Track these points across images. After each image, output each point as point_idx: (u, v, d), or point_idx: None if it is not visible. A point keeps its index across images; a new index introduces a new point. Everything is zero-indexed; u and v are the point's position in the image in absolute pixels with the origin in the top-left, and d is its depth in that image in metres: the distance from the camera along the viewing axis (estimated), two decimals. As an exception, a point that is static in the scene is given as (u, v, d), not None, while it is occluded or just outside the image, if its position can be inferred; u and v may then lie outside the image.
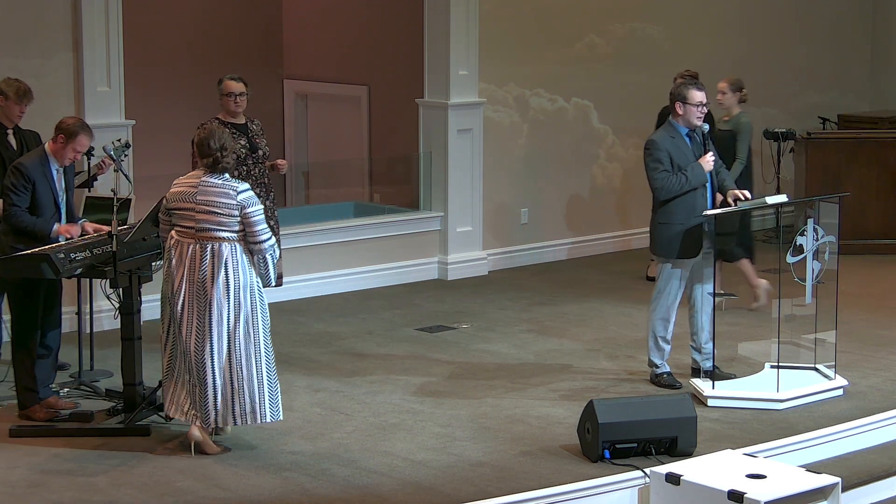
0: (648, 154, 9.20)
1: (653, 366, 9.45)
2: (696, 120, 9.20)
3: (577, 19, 13.49)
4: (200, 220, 8.00)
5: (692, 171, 9.16)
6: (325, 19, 14.64)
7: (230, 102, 9.81)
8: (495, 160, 12.92)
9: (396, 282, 12.46)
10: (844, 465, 8.22)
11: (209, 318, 7.99)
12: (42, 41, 10.58)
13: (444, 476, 7.84)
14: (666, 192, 9.15)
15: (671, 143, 9.19)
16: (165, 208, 8.18)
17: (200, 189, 8.02)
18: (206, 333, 8.01)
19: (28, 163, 8.62)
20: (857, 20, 15.70)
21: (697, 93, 9.19)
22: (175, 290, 8.04)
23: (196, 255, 8.00)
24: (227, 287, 8.00)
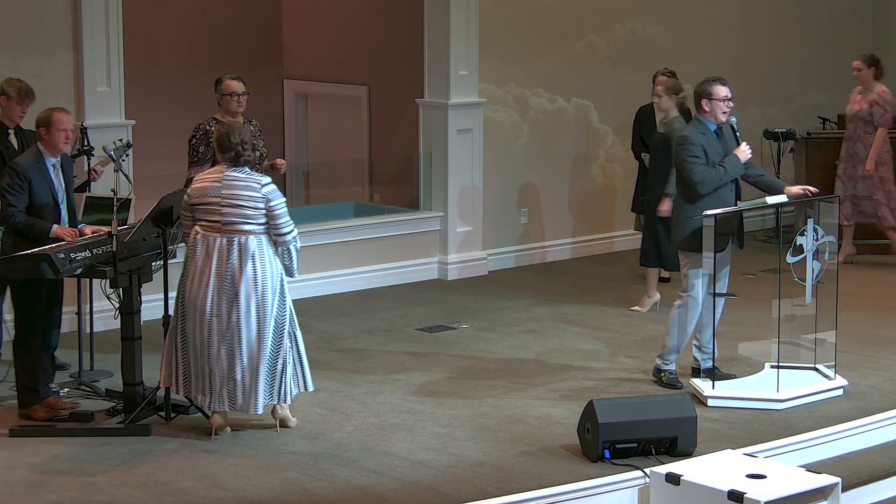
0: (684, 149, 9.16)
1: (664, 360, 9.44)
2: (721, 115, 9.24)
3: (577, 19, 13.49)
4: (226, 214, 8.18)
5: (729, 162, 9.20)
6: (325, 19, 14.64)
7: (232, 102, 9.78)
8: (495, 160, 12.93)
9: (396, 282, 12.46)
10: (844, 465, 8.22)
11: (238, 310, 8.18)
12: (42, 41, 10.58)
13: (444, 476, 7.84)
14: (707, 186, 9.15)
15: (703, 139, 9.21)
16: (188, 204, 8.33)
17: (225, 183, 8.21)
18: (235, 325, 8.20)
19: (23, 162, 8.62)
20: (856, 20, 15.69)
21: (722, 88, 9.23)
22: (203, 284, 8.21)
23: (223, 248, 8.20)
24: (255, 279, 8.19)
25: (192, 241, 8.31)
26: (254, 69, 14.87)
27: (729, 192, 9.30)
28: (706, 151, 9.16)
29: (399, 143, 13.45)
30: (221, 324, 8.23)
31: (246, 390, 8.27)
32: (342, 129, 14.41)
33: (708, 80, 9.31)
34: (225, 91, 9.79)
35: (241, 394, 8.28)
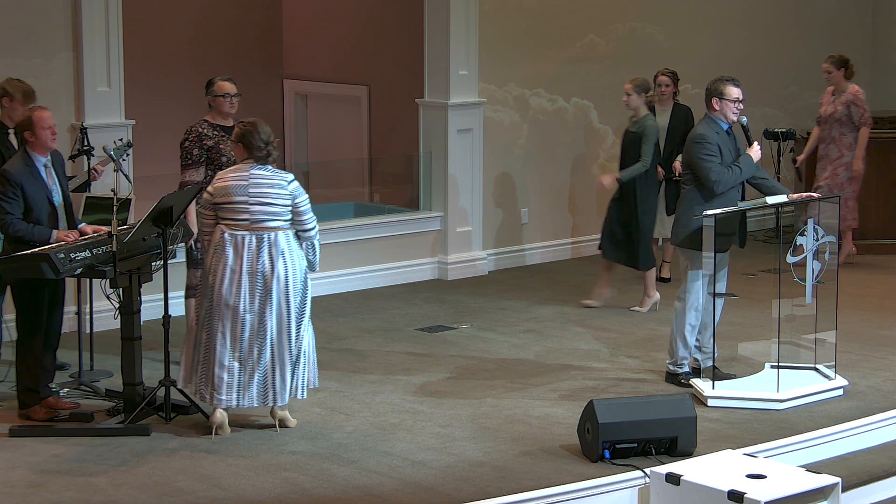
0: (701, 147, 9.15)
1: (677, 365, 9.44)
2: (732, 115, 9.26)
3: (577, 19, 13.49)
4: (256, 212, 8.30)
5: (744, 162, 9.23)
6: (325, 19, 14.64)
7: (225, 103, 9.75)
8: (495, 160, 12.93)
9: (396, 282, 12.46)
10: (844, 465, 8.23)
11: (271, 306, 8.31)
12: (42, 41, 10.58)
13: (444, 476, 7.84)
14: (723, 186, 9.17)
15: (718, 138, 9.22)
16: (210, 203, 8.39)
17: (252, 182, 8.32)
18: (268, 321, 8.32)
19: (11, 168, 8.56)
20: (856, 20, 15.70)
21: (734, 89, 9.26)
22: (235, 283, 8.29)
23: (253, 246, 8.30)
24: (286, 276, 8.33)
25: (217, 239, 8.36)
26: (254, 69, 14.90)
27: (736, 192, 9.32)
28: (721, 150, 9.16)
29: (399, 143, 13.45)
30: (254, 321, 8.32)
31: (276, 384, 8.38)
32: (342, 129, 14.42)
33: (721, 80, 9.32)
34: (217, 92, 9.75)
35: (271, 388, 8.39)
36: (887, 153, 13.63)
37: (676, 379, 9.42)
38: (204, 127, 9.70)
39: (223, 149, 9.68)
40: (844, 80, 12.75)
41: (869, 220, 13.51)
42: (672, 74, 12.14)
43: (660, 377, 9.60)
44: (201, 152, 9.64)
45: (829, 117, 12.75)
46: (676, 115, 12.12)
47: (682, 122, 12.03)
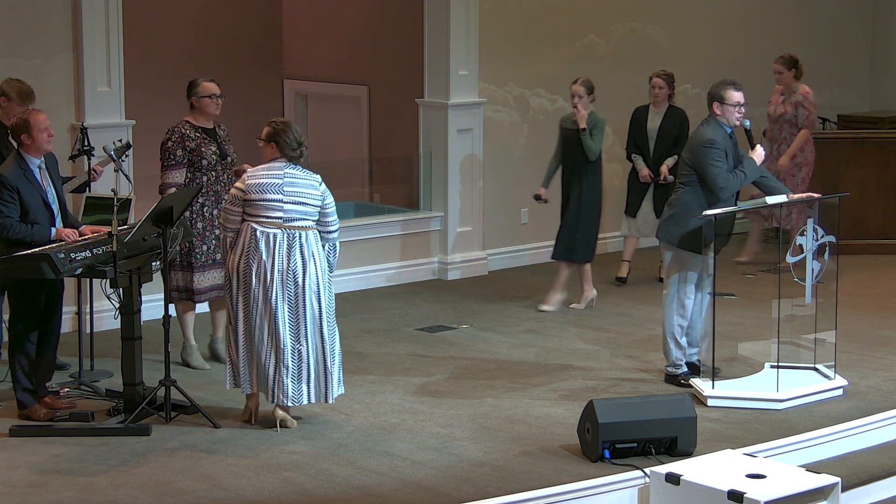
0: (710, 152, 9.14)
1: (673, 367, 9.46)
2: (735, 120, 9.26)
3: (577, 19, 13.49)
4: (289, 210, 8.41)
5: (748, 166, 9.24)
6: (325, 19, 14.64)
7: (211, 104, 9.72)
8: (495, 160, 12.93)
9: (396, 282, 12.47)
10: (844, 465, 8.23)
11: (302, 303, 8.42)
12: (42, 41, 10.58)
13: (444, 476, 7.84)
14: (730, 191, 9.21)
15: (725, 143, 9.23)
16: (240, 200, 8.45)
17: (287, 181, 8.43)
18: (299, 319, 8.43)
19: (6, 172, 8.53)
20: (857, 20, 15.69)
21: (735, 93, 9.26)
22: (268, 280, 8.36)
23: (284, 244, 8.39)
24: (316, 274, 8.46)
25: (248, 237, 8.42)
26: (254, 69, 14.90)
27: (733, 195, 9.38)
28: (727, 155, 9.18)
29: (399, 143, 13.44)
30: (287, 317, 8.41)
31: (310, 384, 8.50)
32: (342, 129, 14.42)
33: (723, 84, 9.32)
34: (203, 93, 9.72)
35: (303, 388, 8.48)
36: (887, 153, 13.63)
37: (676, 380, 9.43)
38: (186, 128, 9.70)
39: (204, 151, 9.68)
40: (794, 80, 12.73)
41: (869, 219, 13.51)
42: (667, 76, 12.11)
43: (659, 377, 9.60)
44: (184, 154, 9.63)
45: (780, 118, 12.70)
46: (670, 118, 12.05)
47: (676, 126, 12.00)
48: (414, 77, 12.92)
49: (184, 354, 9.89)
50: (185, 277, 9.70)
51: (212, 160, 9.69)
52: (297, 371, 8.46)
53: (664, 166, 11.93)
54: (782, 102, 12.71)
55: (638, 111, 12.25)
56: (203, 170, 9.66)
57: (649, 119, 12.07)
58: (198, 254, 9.68)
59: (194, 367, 9.82)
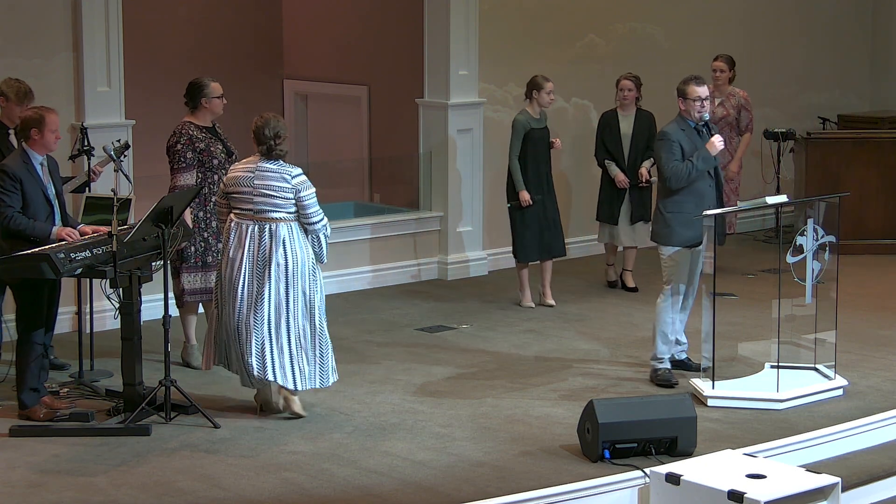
0: (660, 144, 9.37)
1: (656, 360, 9.51)
2: (696, 114, 9.36)
3: (577, 19, 13.49)
4: (258, 203, 8.62)
5: (698, 156, 9.30)
6: (325, 19, 14.64)
7: (220, 104, 9.77)
8: (495, 160, 12.92)
9: (396, 282, 12.47)
10: (844, 465, 8.23)
11: (267, 292, 8.58)
12: (42, 41, 10.58)
13: (444, 476, 7.84)
14: (676, 181, 9.29)
15: (682, 135, 9.34)
16: (223, 192, 8.81)
17: (258, 174, 8.65)
18: (262, 307, 8.59)
19: (10, 163, 8.58)
20: (857, 20, 15.70)
21: (696, 88, 9.37)
22: (236, 269, 8.63)
23: (255, 234, 8.62)
24: (285, 264, 8.60)
25: (229, 228, 8.74)
26: (254, 69, 14.90)
27: (708, 187, 9.42)
28: (683, 147, 9.30)
29: (399, 143, 13.44)
30: (251, 306, 8.59)
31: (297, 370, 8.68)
32: (342, 129, 14.41)
33: (686, 80, 9.47)
34: (214, 94, 9.73)
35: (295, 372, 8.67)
36: (887, 153, 13.62)
37: (655, 374, 9.48)
38: (192, 129, 9.70)
39: (213, 151, 9.69)
40: (729, 82, 12.68)
41: (869, 219, 13.51)
42: (635, 79, 12.02)
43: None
44: (195, 155, 9.63)
45: (721, 120, 12.50)
46: (639, 121, 12.00)
47: (645, 129, 11.98)
48: (414, 77, 12.92)
49: (184, 354, 9.89)
50: (200, 278, 9.70)
51: (221, 158, 9.70)
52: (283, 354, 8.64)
53: (643, 168, 11.89)
54: (721, 104, 12.59)
55: (606, 116, 12.13)
56: (214, 169, 9.66)
57: (621, 123, 12.00)
58: (214, 252, 9.69)
59: (194, 367, 9.82)
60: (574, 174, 13.51)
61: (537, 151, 11.53)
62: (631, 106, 12.02)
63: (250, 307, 8.59)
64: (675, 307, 9.47)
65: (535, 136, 11.51)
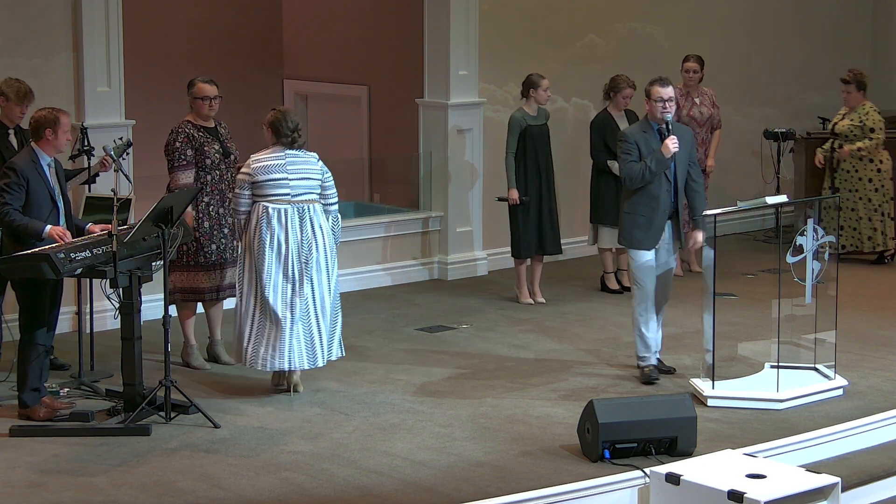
0: (619, 145, 9.53)
1: (639, 359, 9.60)
2: (659, 115, 9.44)
3: (577, 19, 13.49)
4: (296, 186, 9.09)
5: (653, 158, 9.39)
6: (325, 19, 14.64)
7: (204, 106, 9.72)
8: (495, 160, 12.91)
9: (396, 282, 12.47)
10: (844, 465, 8.23)
11: (317, 272, 9.09)
12: (42, 41, 10.58)
13: (444, 476, 7.84)
14: (630, 181, 9.41)
15: (641, 137, 9.45)
16: (247, 183, 9.09)
17: (288, 161, 9.13)
18: (314, 286, 9.08)
19: (20, 161, 8.61)
20: (857, 20, 15.69)
21: (660, 89, 9.47)
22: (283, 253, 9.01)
23: (295, 218, 9.06)
24: (325, 244, 9.16)
25: (260, 215, 9.02)
26: (254, 69, 14.89)
27: (665, 191, 9.44)
28: (640, 148, 9.39)
29: (399, 143, 13.44)
30: (302, 287, 9.04)
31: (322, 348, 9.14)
32: (342, 129, 14.42)
33: (652, 81, 9.56)
34: (197, 94, 9.72)
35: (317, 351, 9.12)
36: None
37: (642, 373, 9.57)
38: (190, 128, 9.70)
39: (208, 150, 9.69)
40: (699, 82, 12.70)
41: (869, 220, 13.50)
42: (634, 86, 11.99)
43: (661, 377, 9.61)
44: (193, 154, 9.63)
45: (709, 120, 12.57)
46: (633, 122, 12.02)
47: None
48: (414, 77, 12.92)
49: (184, 354, 9.89)
50: (191, 278, 9.70)
51: (215, 159, 9.70)
52: (311, 336, 9.08)
53: None
54: (699, 104, 12.60)
55: (602, 117, 12.05)
56: (207, 169, 9.67)
57: (619, 123, 11.98)
58: (206, 253, 9.69)
59: (194, 367, 9.82)
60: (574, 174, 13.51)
61: (536, 149, 11.55)
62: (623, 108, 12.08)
63: (297, 290, 9.01)
64: (648, 306, 9.50)
65: (533, 133, 11.53)
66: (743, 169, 14.59)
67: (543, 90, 11.55)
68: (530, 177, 11.55)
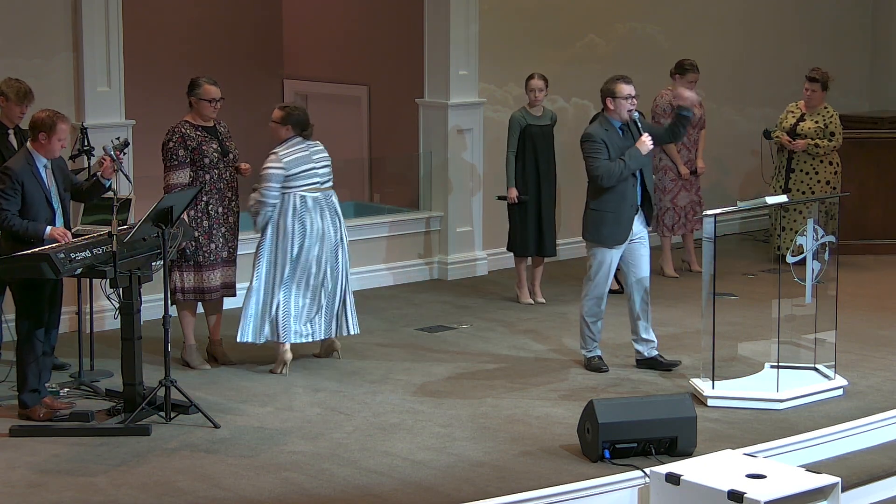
0: (587, 145, 9.58)
1: (584, 350, 9.82)
2: (625, 113, 9.55)
3: (577, 19, 13.49)
4: (323, 174, 9.82)
5: (629, 155, 9.50)
6: (324, 19, 14.64)
7: (208, 107, 9.73)
8: (495, 160, 12.91)
9: (396, 282, 12.47)
10: (844, 465, 8.23)
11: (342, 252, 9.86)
12: (42, 41, 10.58)
13: (444, 476, 7.84)
14: (608, 179, 9.51)
15: (606, 135, 9.55)
16: (283, 176, 9.60)
17: (311, 151, 9.81)
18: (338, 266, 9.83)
19: (15, 166, 8.59)
20: (856, 20, 15.69)
21: (625, 86, 9.55)
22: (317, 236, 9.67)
23: (323, 203, 9.77)
24: (342, 225, 9.91)
25: (296, 204, 9.62)
26: (254, 69, 14.89)
27: (632, 187, 9.58)
28: (608, 147, 9.46)
29: (399, 143, 13.44)
30: (331, 266, 9.76)
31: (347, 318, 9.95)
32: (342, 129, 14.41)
33: (612, 79, 9.64)
34: (203, 96, 9.73)
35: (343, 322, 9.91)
36: (887, 153, 13.62)
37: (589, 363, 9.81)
38: (186, 128, 9.71)
39: (206, 149, 9.69)
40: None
41: (869, 219, 13.51)
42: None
43: (660, 377, 9.61)
44: (186, 153, 9.64)
45: (700, 121, 12.58)
46: None
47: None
48: (414, 77, 12.92)
49: (184, 354, 9.89)
50: (193, 277, 9.70)
51: (214, 158, 9.70)
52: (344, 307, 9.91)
53: None
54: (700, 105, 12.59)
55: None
56: (205, 168, 9.67)
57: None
58: (206, 252, 9.70)
59: (194, 367, 9.82)
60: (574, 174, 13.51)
61: (535, 149, 11.54)
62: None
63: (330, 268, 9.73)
64: (599, 303, 9.70)
65: (534, 133, 11.53)
66: (743, 169, 14.59)
67: (530, 90, 11.57)
68: (529, 176, 11.55)
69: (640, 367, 9.79)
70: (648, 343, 9.80)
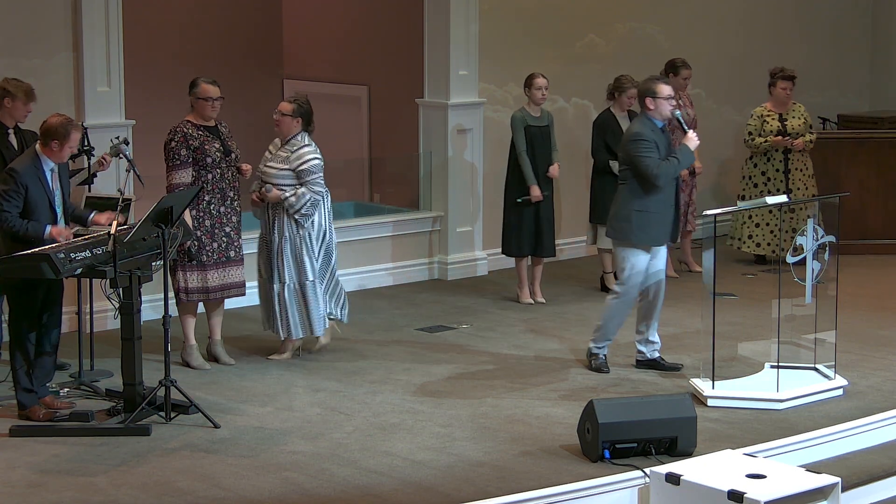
0: (639, 144, 9.42)
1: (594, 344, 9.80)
2: (668, 112, 9.52)
3: (577, 19, 13.49)
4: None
5: (681, 152, 9.48)
6: (324, 19, 14.64)
7: (207, 107, 9.74)
8: (495, 160, 12.92)
9: (396, 282, 12.47)
10: (844, 465, 8.23)
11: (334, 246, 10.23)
12: (42, 41, 10.58)
13: (444, 476, 7.84)
14: (665, 178, 9.43)
15: (653, 135, 9.49)
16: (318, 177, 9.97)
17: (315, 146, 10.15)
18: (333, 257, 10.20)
19: (21, 168, 8.58)
20: (856, 20, 15.69)
21: (665, 86, 9.55)
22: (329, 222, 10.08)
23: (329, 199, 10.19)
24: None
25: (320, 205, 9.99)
26: (253, 69, 14.89)
27: (672, 186, 9.58)
28: (658, 146, 9.42)
29: (399, 143, 13.44)
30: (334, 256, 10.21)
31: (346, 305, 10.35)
32: (342, 129, 14.41)
33: (652, 79, 9.63)
34: (201, 95, 9.74)
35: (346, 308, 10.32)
36: (887, 153, 13.63)
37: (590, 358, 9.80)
38: (188, 127, 9.71)
39: (208, 149, 9.69)
40: None
41: (869, 219, 13.51)
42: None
43: (659, 377, 9.61)
44: (188, 153, 9.64)
45: (693, 121, 12.58)
46: None
47: None
48: (414, 77, 12.92)
49: (184, 354, 9.89)
50: (197, 277, 9.70)
51: (216, 157, 9.71)
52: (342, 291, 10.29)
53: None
54: (691, 105, 12.62)
55: (605, 117, 12.03)
56: (208, 167, 9.68)
57: (621, 123, 11.97)
58: (208, 251, 9.70)
59: (194, 367, 9.82)
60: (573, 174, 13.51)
61: (534, 149, 11.56)
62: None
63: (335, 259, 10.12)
64: (628, 308, 9.63)
65: (533, 133, 11.55)
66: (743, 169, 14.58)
67: (536, 89, 11.58)
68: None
69: (640, 367, 9.78)
70: (652, 345, 9.78)
